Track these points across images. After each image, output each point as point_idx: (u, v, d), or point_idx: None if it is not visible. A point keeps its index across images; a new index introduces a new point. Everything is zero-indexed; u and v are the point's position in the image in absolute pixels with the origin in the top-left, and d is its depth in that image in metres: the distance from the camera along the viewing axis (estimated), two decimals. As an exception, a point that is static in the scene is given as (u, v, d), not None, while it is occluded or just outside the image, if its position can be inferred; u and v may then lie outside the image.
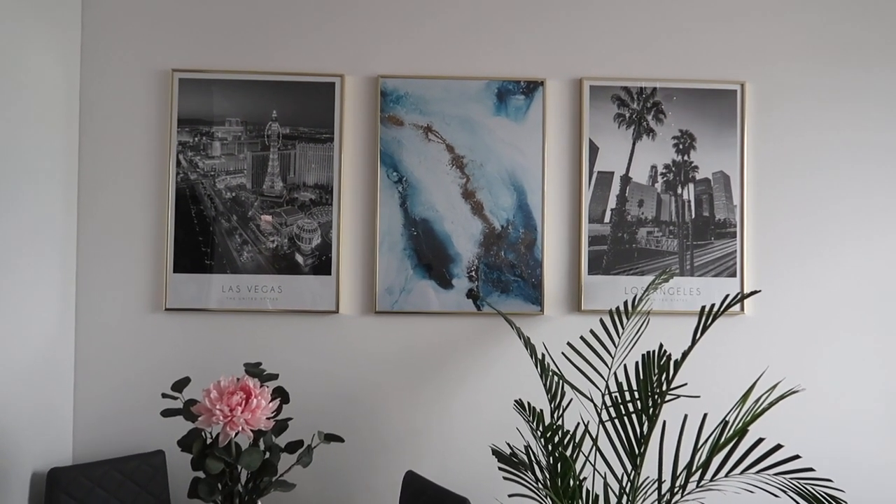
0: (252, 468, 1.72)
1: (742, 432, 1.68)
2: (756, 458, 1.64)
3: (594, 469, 1.97)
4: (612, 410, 1.86)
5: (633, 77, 2.35)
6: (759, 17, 2.38)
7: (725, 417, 1.75)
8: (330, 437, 1.87)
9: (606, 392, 1.96)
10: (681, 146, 2.35)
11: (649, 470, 1.84)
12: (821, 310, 2.35)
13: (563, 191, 2.34)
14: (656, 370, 1.74)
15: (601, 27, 2.36)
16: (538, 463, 1.87)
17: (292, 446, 1.87)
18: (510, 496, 1.81)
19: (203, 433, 1.77)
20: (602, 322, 2.05)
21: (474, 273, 2.30)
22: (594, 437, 1.95)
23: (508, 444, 2.01)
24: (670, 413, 1.81)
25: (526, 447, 1.91)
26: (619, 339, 2.00)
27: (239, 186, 2.29)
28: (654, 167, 2.35)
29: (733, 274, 2.33)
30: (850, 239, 2.36)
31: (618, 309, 2.03)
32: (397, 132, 2.30)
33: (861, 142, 2.37)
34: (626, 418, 1.80)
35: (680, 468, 1.73)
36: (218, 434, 1.72)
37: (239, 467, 1.75)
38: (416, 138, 2.30)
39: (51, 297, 2.10)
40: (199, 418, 1.71)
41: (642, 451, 1.78)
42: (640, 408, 1.77)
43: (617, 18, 2.36)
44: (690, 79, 2.35)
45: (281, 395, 1.88)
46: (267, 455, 1.79)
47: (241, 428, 1.69)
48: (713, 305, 1.73)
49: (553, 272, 2.32)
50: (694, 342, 1.70)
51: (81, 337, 2.24)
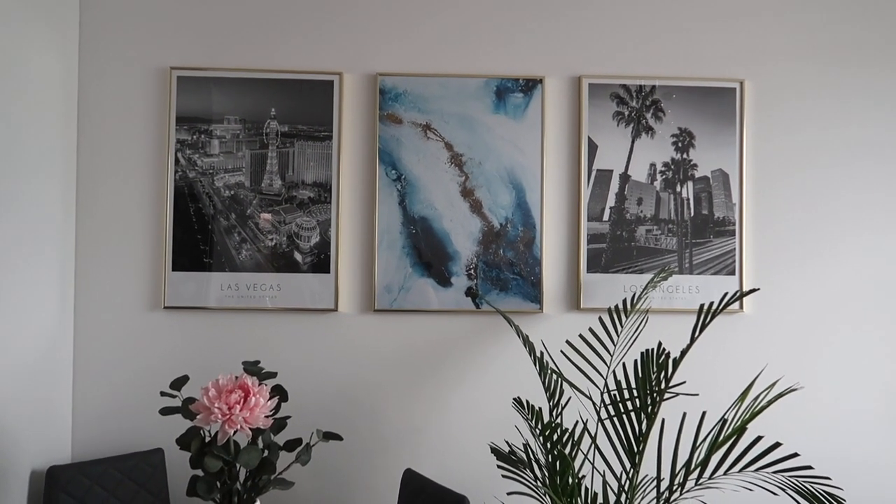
0: (251, 466, 1.73)
1: (741, 430, 1.68)
2: (755, 456, 1.64)
3: (593, 467, 1.97)
4: (610, 408, 1.86)
5: (632, 75, 2.35)
6: (759, 15, 2.37)
7: (724, 415, 1.75)
8: (328, 436, 1.87)
9: (605, 390, 1.96)
10: (680, 144, 2.35)
11: (648, 468, 1.84)
12: (820, 308, 2.35)
13: (561, 189, 2.34)
14: (655, 368, 1.74)
15: (600, 25, 2.36)
16: (537, 461, 1.87)
17: (291, 444, 1.87)
18: (509, 494, 1.81)
19: (202, 431, 1.77)
20: (601, 320, 2.05)
21: (473, 271, 2.30)
22: (593, 436, 1.95)
23: (507, 443, 2.00)
24: (669, 411, 1.81)
25: (525, 445, 1.91)
26: (618, 337, 2.00)
27: (237, 184, 2.29)
28: (653, 165, 2.34)
29: (732, 272, 2.33)
30: (850, 237, 2.36)
31: (617, 307, 2.03)
32: (396, 130, 2.30)
33: (860, 140, 2.37)
34: (624, 416, 1.80)
35: (679, 466, 1.74)
36: (216, 432, 1.72)
37: (237, 465, 1.76)
38: (414, 136, 2.30)
39: (49, 295, 2.09)
40: (198, 416, 1.72)
41: (641, 449, 1.78)
42: (638, 406, 1.77)
43: (616, 16, 2.36)
44: (689, 77, 2.35)
45: (279, 393, 1.88)
46: (265, 453, 1.79)
47: (239, 426, 1.69)
48: (712, 303, 1.73)
49: (552, 270, 2.32)
50: (693, 340, 1.70)
51: (80, 335, 2.24)
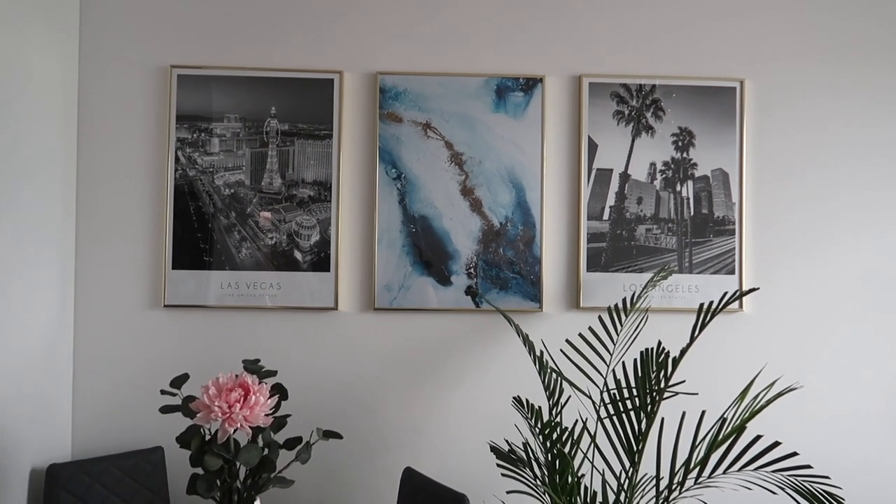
0: (250, 465, 1.73)
1: (740, 429, 1.68)
2: (754, 455, 1.64)
3: (592, 466, 1.98)
4: (610, 407, 1.86)
5: (632, 74, 2.35)
6: (759, 14, 2.37)
7: (723, 414, 1.75)
8: (328, 434, 1.87)
9: (605, 389, 1.96)
10: (680, 143, 2.35)
11: (647, 467, 1.85)
12: (820, 307, 2.35)
13: (561, 188, 2.34)
14: (655, 367, 1.74)
15: (600, 24, 2.35)
16: (536, 460, 1.87)
17: (291, 443, 1.87)
18: (508, 493, 1.81)
19: (202, 430, 1.77)
20: (601, 319, 2.05)
21: (473, 270, 2.30)
22: (592, 434, 1.95)
23: (507, 441, 2.01)
24: (669, 410, 1.82)
25: (524, 444, 1.91)
26: (618, 336, 2.00)
27: (237, 183, 2.29)
28: (653, 164, 2.34)
29: (732, 271, 2.33)
30: (850, 236, 2.36)
31: (616, 306, 2.03)
32: (396, 129, 2.30)
33: (860, 138, 2.37)
34: (624, 415, 1.80)
35: (678, 465, 1.74)
36: (216, 430, 1.72)
37: (237, 464, 1.76)
38: (414, 135, 2.30)
39: (50, 293, 2.09)
40: (198, 415, 1.72)
41: (640, 448, 1.78)
42: (638, 405, 1.77)
43: (616, 15, 2.36)
44: (690, 76, 2.35)
45: (279, 391, 1.88)
46: (265, 452, 1.79)
47: (239, 424, 1.69)
48: (712, 302, 1.73)
49: (552, 269, 2.32)
50: (692, 339, 1.70)
51: (80, 333, 2.24)
